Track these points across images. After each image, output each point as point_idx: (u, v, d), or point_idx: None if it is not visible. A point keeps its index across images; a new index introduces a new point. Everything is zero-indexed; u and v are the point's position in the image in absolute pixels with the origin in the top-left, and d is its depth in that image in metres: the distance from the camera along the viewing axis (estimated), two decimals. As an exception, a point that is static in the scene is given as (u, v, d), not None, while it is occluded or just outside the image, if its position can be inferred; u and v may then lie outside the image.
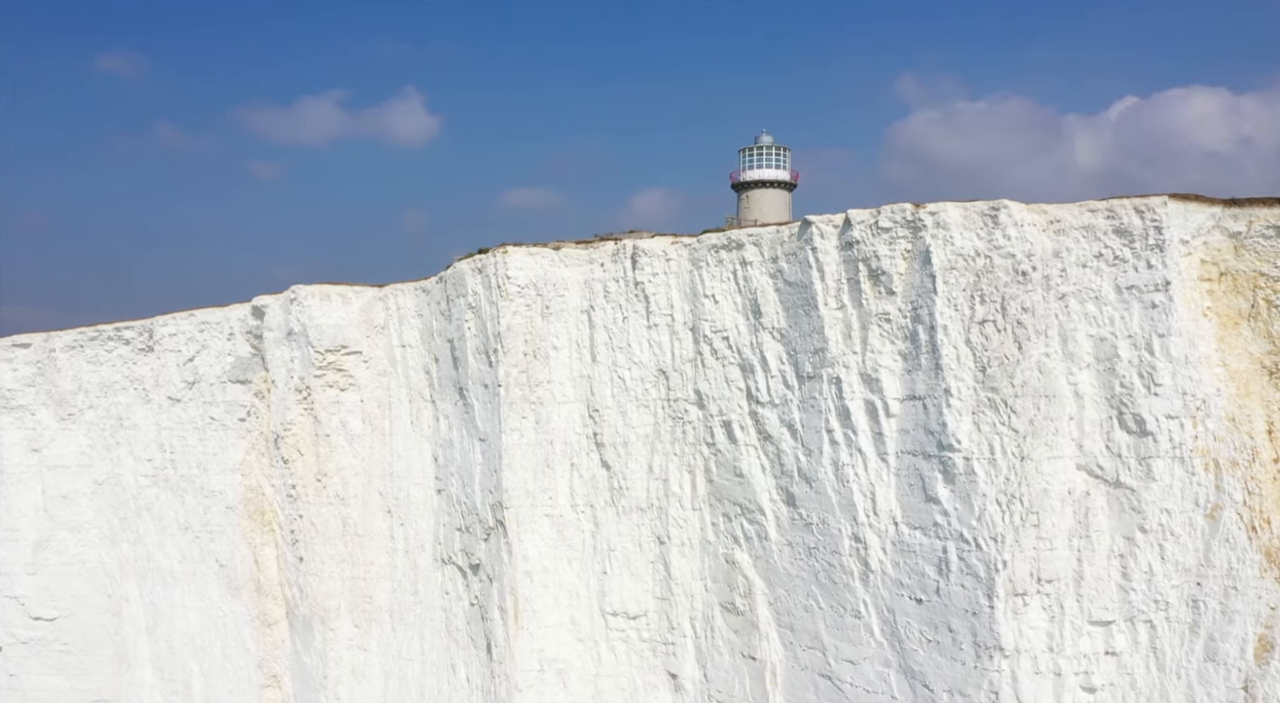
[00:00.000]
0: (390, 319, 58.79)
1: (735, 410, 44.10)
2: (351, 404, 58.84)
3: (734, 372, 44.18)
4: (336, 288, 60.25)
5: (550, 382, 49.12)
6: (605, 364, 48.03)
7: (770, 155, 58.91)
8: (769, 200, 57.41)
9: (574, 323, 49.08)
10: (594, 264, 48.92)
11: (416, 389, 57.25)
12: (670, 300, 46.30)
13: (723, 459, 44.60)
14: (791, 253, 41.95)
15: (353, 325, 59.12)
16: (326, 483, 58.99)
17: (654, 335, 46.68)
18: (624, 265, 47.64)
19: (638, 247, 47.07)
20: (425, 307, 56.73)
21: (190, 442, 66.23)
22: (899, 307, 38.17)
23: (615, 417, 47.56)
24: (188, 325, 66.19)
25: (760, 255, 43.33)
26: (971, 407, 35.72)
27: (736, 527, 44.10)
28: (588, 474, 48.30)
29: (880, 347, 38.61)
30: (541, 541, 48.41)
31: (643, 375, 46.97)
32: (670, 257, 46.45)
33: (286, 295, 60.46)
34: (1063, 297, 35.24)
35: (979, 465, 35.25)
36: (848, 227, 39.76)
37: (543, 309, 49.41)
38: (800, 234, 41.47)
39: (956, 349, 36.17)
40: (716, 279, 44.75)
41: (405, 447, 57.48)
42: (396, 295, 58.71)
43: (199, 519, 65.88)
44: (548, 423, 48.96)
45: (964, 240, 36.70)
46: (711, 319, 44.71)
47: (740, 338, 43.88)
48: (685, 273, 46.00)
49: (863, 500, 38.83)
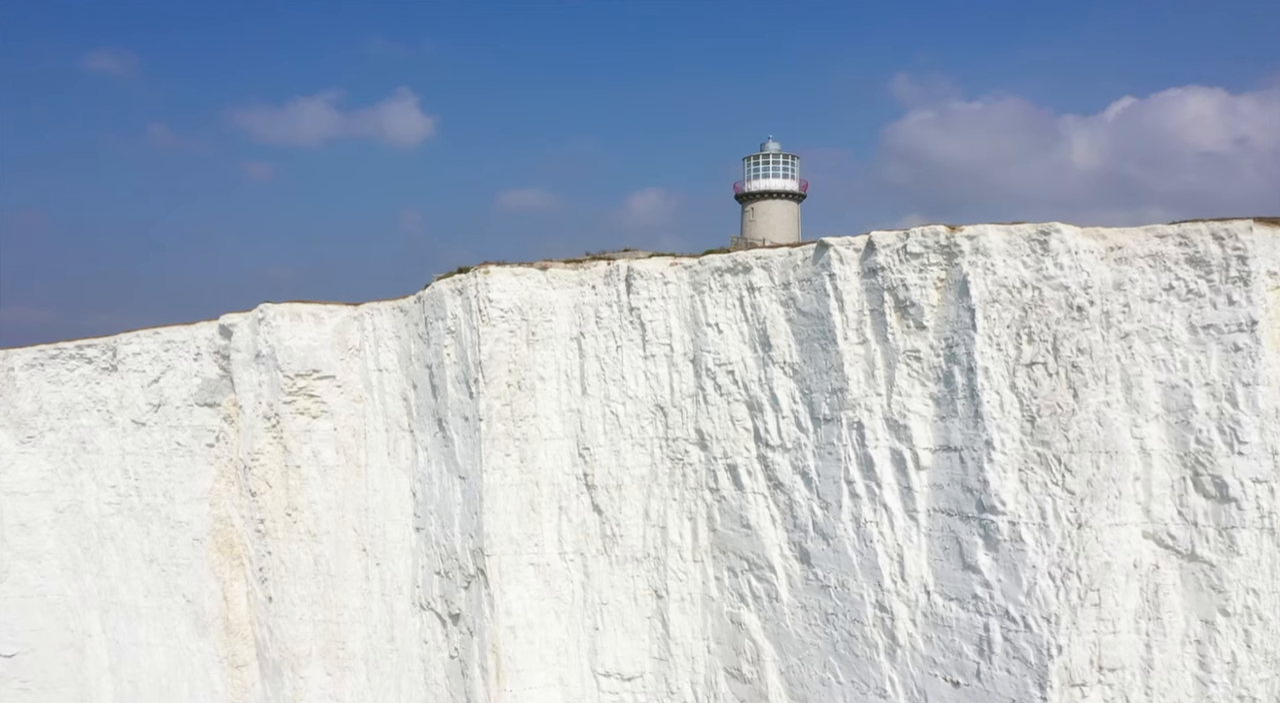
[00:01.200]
0: (366, 341, 53.17)
1: (741, 453, 38.51)
2: (324, 433, 53.21)
3: (740, 410, 38.59)
4: (308, 307, 54.60)
5: (536, 416, 43.51)
6: (597, 398, 42.42)
7: (777, 164, 52.97)
8: (776, 212, 51.72)
9: (562, 351, 43.45)
10: (584, 287, 43.30)
11: (394, 418, 51.64)
12: (669, 328, 40.68)
13: (727, 507, 39.00)
14: (806, 279, 36.34)
15: (325, 347, 53.49)
16: (297, 518, 53.37)
17: (651, 367, 41.07)
18: (618, 288, 41.99)
19: (633, 268, 41.43)
20: (403, 328, 51.11)
21: (155, 468, 60.51)
22: (931, 344, 32.59)
23: (608, 456, 41.95)
24: (152, 344, 60.47)
25: (770, 281, 37.71)
26: (1018, 463, 30.13)
27: (743, 583, 38.52)
28: (577, 519, 42.70)
29: (909, 389, 33.03)
30: (526, 592, 42.80)
31: (638, 411, 41.37)
32: (669, 280, 40.82)
33: (254, 314, 54.79)
34: (1126, 336, 29.66)
35: (1028, 532, 29.67)
36: (871, 251, 34.16)
37: (528, 336, 43.79)
38: (816, 258, 35.84)
39: (1000, 395, 30.58)
40: (720, 306, 39.13)
41: (381, 480, 51.89)
42: (373, 315, 53.08)
43: (165, 551, 60.21)
44: (533, 462, 43.36)
45: (1008, 269, 31.11)
46: (715, 350, 39.09)
47: (747, 373, 38.28)
48: (686, 298, 40.37)
49: (888, 564, 33.27)
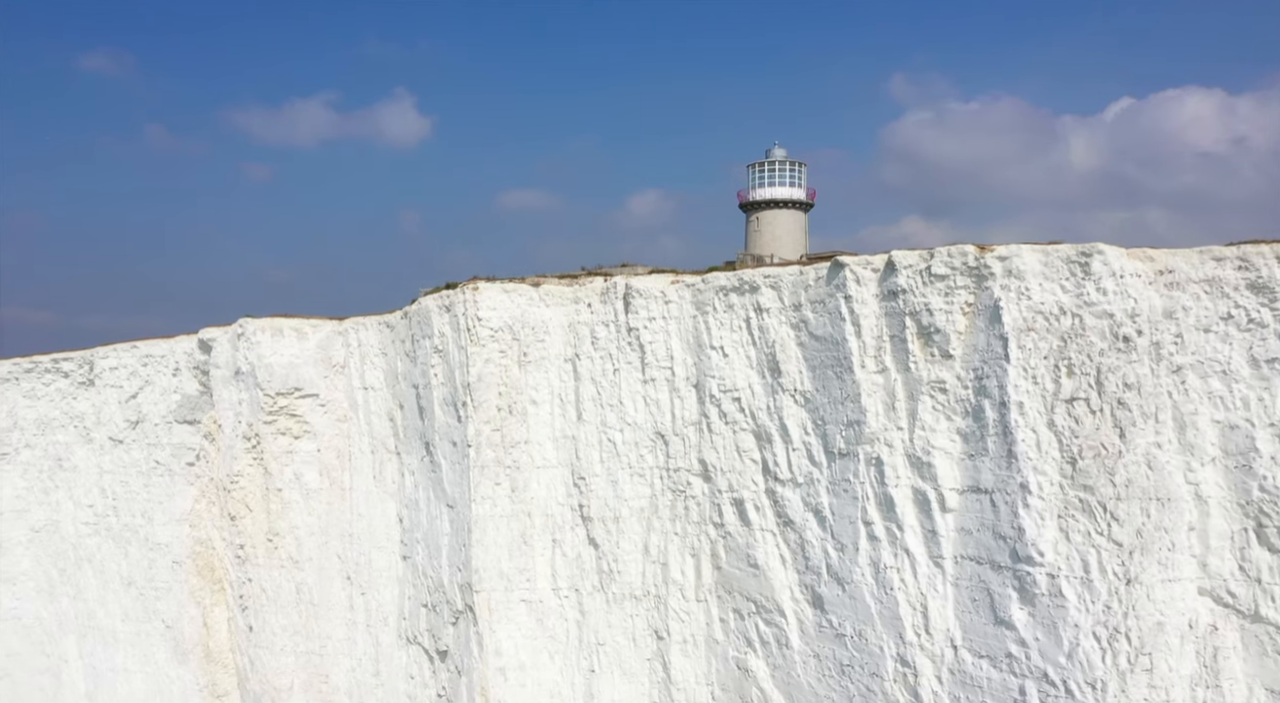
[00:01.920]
0: (351, 357, 49.91)
1: (749, 487, 35.29)
2: (307, 454, 49.95)
3: (747, 440, 35.35)
4: (290, 321, 51.32)
5: (528, 442, 40.26)
6: (593, 423, 39.17)
7: (783, 171, 49.50)
8: (782, 223, 48.36)
9: (556, 374, 40.19)
10: (580, 304, 40.04)
11: (380, 439, 48.39)
12: (670, 351, 37.43)
13: (733, 544, 35.78)
14: (818, 300, 33.11)
15: (308, 364, 50.22)
16: (278, 543, 50.12)
17: (650, 392, 37.84)
18: (615, 307, 38.73)
19: (631, 286, 38.16)
20: (390, 345, 47.85)
21: (134, 487, 57.19)
22: (958, 374, 29.36)
23: (605, 486, 38.71)
24: (129, 358, 57.16)
25: (779, 301, 34.47)
26: (1057, 508, 26.91)
27: (750, 627, 35.31)
28: (572, 553, 39.46)
29: (933, 423, 29.81)
30: (518, 631, 39.58)
31: (637, 439, 38.12)
32: (670, 298, 37.56)
33: (234, 329, 51.51)
34: (1178, 370, 26.45)
35: (1069, 586, 26.46)
36: (890, 272, 30.92)
37: (519, 357, 40.54)
38: (830, 278, 32.60)
39: (1036, 433, 27.35)
40: (726, 328, 35.88)
41: (367, 505, 48.65)
42: (358, 330, 49.81)
43: (143, 574, 56.89)
44: (525, 491, 40.11)
45: (1045, 294, 27.88)
46: (720, 376, 35.85)
47: (755, 400, 35.03)
48: (688, 319, 37.12)
49: (911, 614, 30.06)
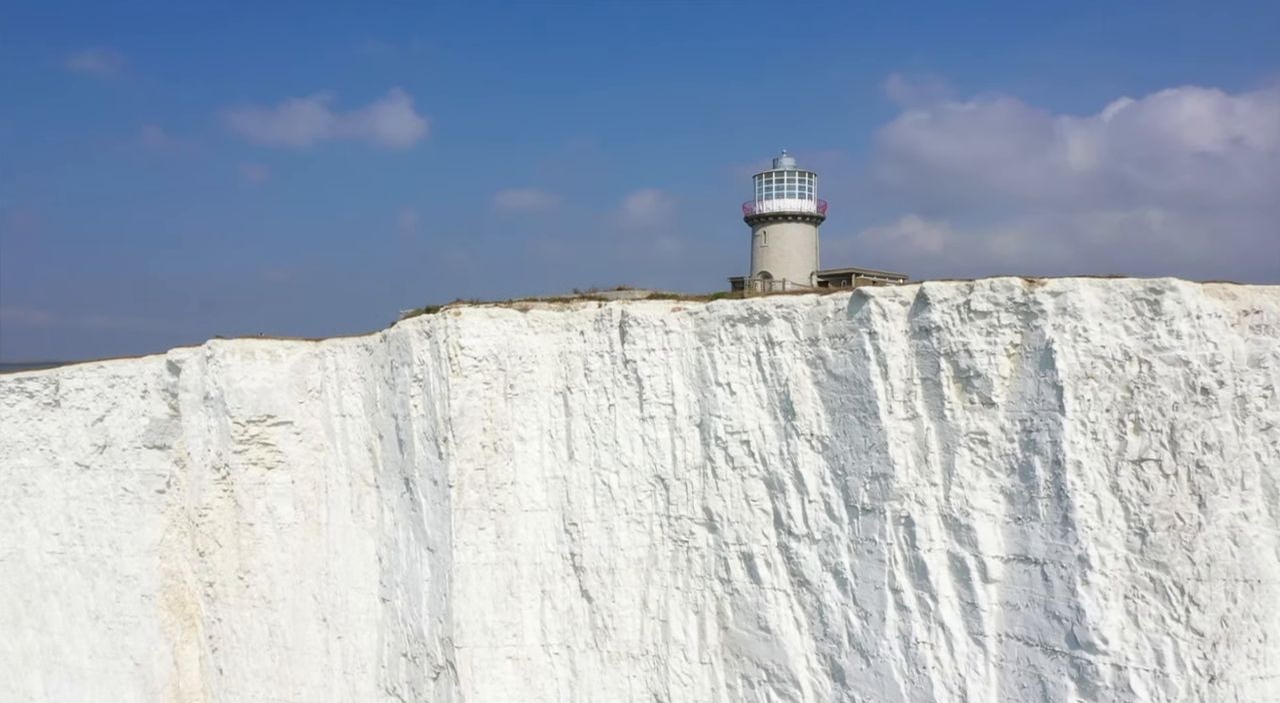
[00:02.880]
0: (328, 382, 45.70)
1: (759, 540, 31.12)
2: (280, 486, 45.75)
3: (757, 488, 31.18)
4: (262, 343, 47.08)
5: (515, 483, 36.08)
6: (586, 464, 34.99)
7: (792, 182, 45.00)
8: (792, 238, 44.04)
9: (546, 408, 35.99)
10: (572, 332, 35.83)
11: (358, 470, 44.20)
12: (670, 386, 33.23)
13: (742, 603, 31.62)
14: (838, 335, 28.92)
15: (282, 389, 46.01)
16: (250, 581, 45.95)
17: (649, 430, 33.65)
18: (610, 336, 34.53)
19: (628, 313, 33.94)
20: (369, 369, 43.64)
21: (101, 516, 52.95)
22: (1002, 425, 25.19)
23: (599, 534, 34.55)
24: (96, 379, 52.90)
25: (793, 334, 30.27)
26: (1124, 588, 22.76)
27: (761, 696, 31.14)
28: (563, 606, 35.28)
29: (973, 480, 25.64)
30: (504, 691, 35.38)
31: (634, 482, 33.95)
32: (670, 328, 33.36)
33: (202, 351, 47.32)
34: (1268, 428, 22.29)
35: (1139, 680, 22.31)
36: (923, 306, 26.72)
37: (506, 389, 36.32)
38: (852, 311, 28.41)
39: (1097, 498, 23.19)
40: (733, 362, 31.68)
41: (344, 541, 44.47)
42: (335, 353, 45.59)
43: (111, 608, 52.67)
44: (511, 537, 35.93)
45: (1106, 336, 23.69)
46: (726, 415, 31.68)
47: (766, 444, 30.85)
48: (691, 351, 32.92)
49: (948, 698, 25.91)
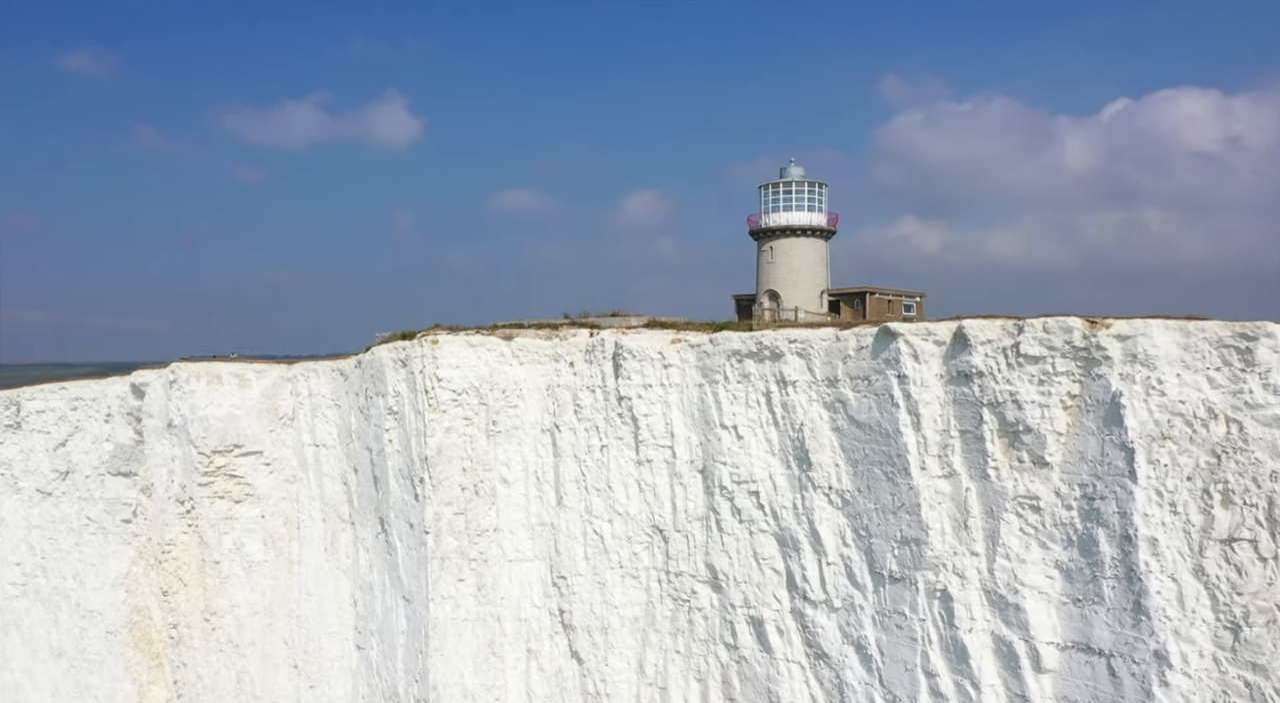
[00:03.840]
0: (300, 409, 41.77)
1: (770, 603, 27.19)
2: (249, 521, 41.82)
3: (767, 545, 27.24)
4: (230, 366, 43.09)
5: (498, 530, 32.16)
6: (576, 510, 31.07)
7: (801, 193, 40.72)
8: (801, 253, 39.86)
9: (532, 447, 32.06)
10: (560, 363, 31.88)
11: (333, 505, 40.27)
12: (670, 427, 29.29)
13: (750, 672, 27.69)
14: (862, 376, 24.97)
15: (251, 416, 42.04)
16: (217, 624, 42.02)
17: (646, 475, 29.72)
18: (602, 369, 30.59)
19: (622, 345, 29.96)
20: (344, 396, 39.70)
21: (64, 546, 49.00)
22: (1057, 489, 21.27)
23: (590, 588, 30.62)
24: (57, 401, 48.94)
25: (809, 373, 26.32)
26: (1212, 692, 18.84)
27: (771, 779, 27.26)
28: (551, 668, 31.35)
29: (1022, 551, 21.72)
30: (485, 761, 31.53)
31: (629, 532, 30.02)
32: (670, 362, 29.41)
33: (166, 374, 43.40)
34: (1386, 507, 18.45)
35: (1228, 805, 18.46)
36: (961, 347, 22.78)
37: (488, 425, 32.39)
38: (877, 350, 24.45)
39: (1178, 583, 19.28)
40: (740, 403, 27.74)
41: (317, 581, 40.56)
42: (308, 377, 41.65)
43: (75, 644, 48.75)
44: (494, 590, 32.01)
45: (1186, 389, 19.77)
46: (733, 462, 27.74)
47: (777, 496, 26.91)
48: (692, 388, 28.99)
49: (991, 804, 22.01)
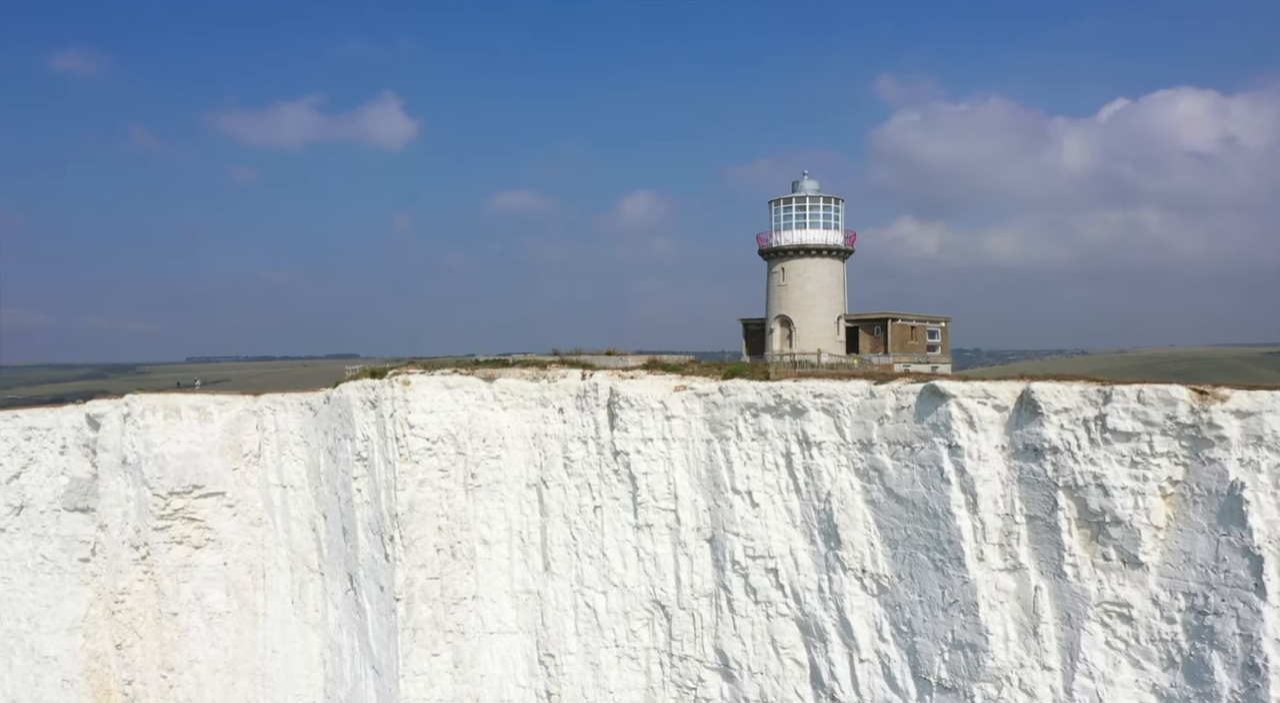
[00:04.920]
0: (266, 446, 37.48)
1: (791, 699, 22.93)
2: (210, 569, 37.52)
3: (787, 631, 22.95)
4: (191, 398, 38.73)
5: (477, 598, 27.86)
6: (565, 578, 26.78)
7: (815, 209, 36.17)
8: (815, 275, 35.49)
9: (516, 504, 27.77)
10: (548, 409, 27.58)
11: (301, 552, 35.99)
12: (672, 488, 25.01)
13: (766, 778, 23.42)
14: (903, 442, 20.68)
15: (213, 453, 37.71)
16: (175, 681, 37.74)
17: (646, 542, 25.42)
18: (595, 418, 26.30)
19: (619, 392, 25.65)
20: (313, 433, 35.41)
21: (18, 586, 44.70)
22: (1155, 596, 16.98)
23: (581, 669, 26.33)
24: (10, 430, 44.60)
25: (836, 433, 22.03)
26: None
27: None
28: (537, 758, 27.10)
29: (1109, 669, 17.44)
30: None
31: (626, 606, 25.73)
32: (673, 412, 25.11)
33: (121, 405, 39.09)
34: None
35: None
36: (1030, 415, 18.49)
37: (466, 478, 28.10)
38: (922, 412, 20.15)
39: (1318, 731, 15.07)
40: (756, 464, 23.45)
41: (284, 637, 36.27)
42: (275, 411, 37.36)
43: (29, 692, 44.50)
44: (473, 666, 27.71)
45: (1325, 483, 15.54)
46: (746, 533, 23.46)
47: (800, 576, 22.63)
48: (699, 443, 24.70)
49: None
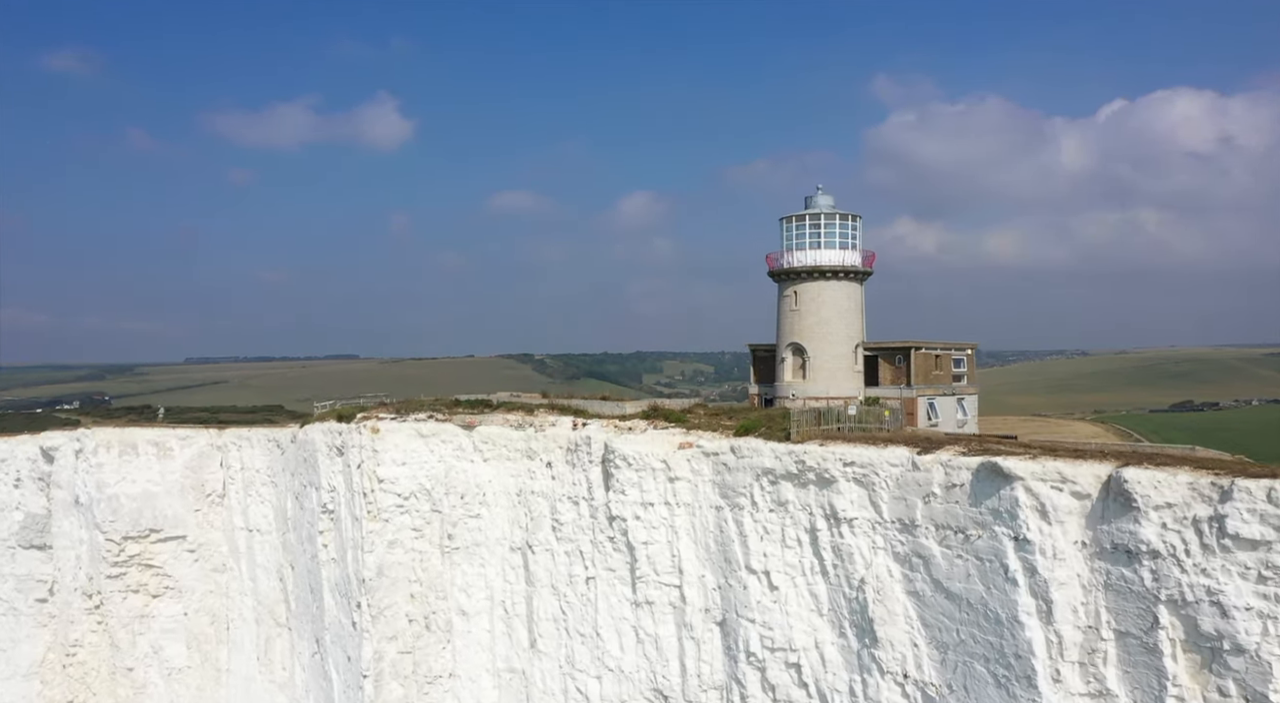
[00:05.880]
0: (232, 485, 33.81)
1: (814, 818, 19.27)
2: (168, 619, 33.85)
3: (812, 738, 19.31)
4: (150, 433, 34.92)
5: (454, 676, 24.18)
6: (553, 657, 23.10)
7: (830, 227, 32.35)
8: (830, 299, 31.56)
9: (498, 569, 24.10)
10: (535, 462, 23.89)
11: (268, 604, 32.34)
12: (676, 560, 21.33)
13: None
14: (954, 527, 17.01)
15: (173, 494, 33.98)
16: (131, 742, 34.18)
17: (646, 622, 21.74)
18: (588, 476, 22.62)
19: (614, 449, 21.95)
20: (280, 472, 31.74)
21: (-27, 627, 41.14)
22: (1285, 745, 13.39)
23: (572, 763, 22.68)
24: (-38, 461, 40.92)
25: (871, 509, 18.36)
26: None
27: None
28: None
29: None
30: None
31: (623, 694, 22.03)
32: (676, 473, 21.41)
33: (73, 440, 35.37)
34: None
35: None
36: (1120, 508, 14.78)
37: (442, 540, 24.42)
38: (980, 493, 16.46)
39: None
40: (774, 539, 19.79)
41: (248, 696, 32.63)
42: (240, 447, 33.67)
43: (-16, 742, 41.00)
44: (449, 755, 24.06)
45: None
46: (764, 620, 19.78)
47: (827, 674, 18.97)
48: (707, 511, 21.03)
49: None
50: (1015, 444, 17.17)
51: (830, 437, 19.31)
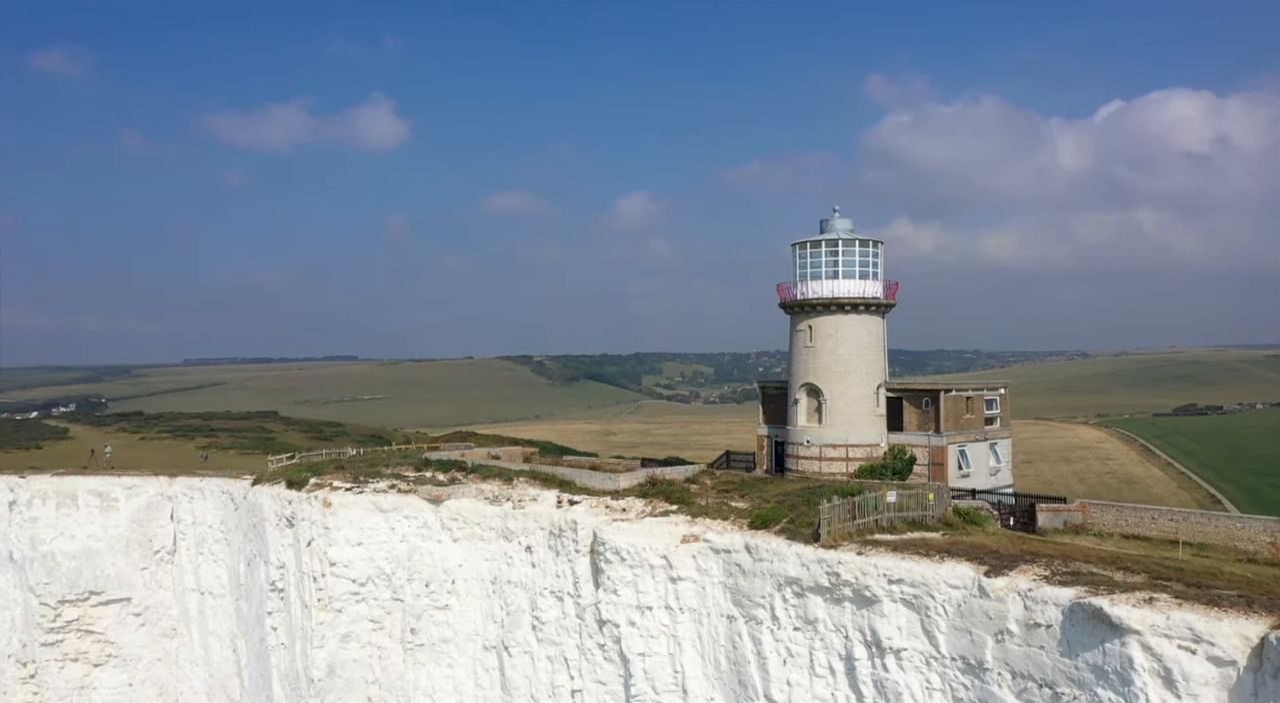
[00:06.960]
0: (182, 540, 29.89)
1: None
2: (111, 691, 29.95)
3: None
4: (92, 482, 30.94)
5: (418, 797, 20.30)
6: (534, 781, 19.20)
7: (850, 254, 28.26)
8: (850, 335, 27.52)
9: (469, 671, 20.16)
10: (512, 545, 19.96)
11: (221, 677, 28.44)
12: (679, 677, 17.41)
13: None
14: (1041, 680, 12.98)
15: (117, 550, 30.05)
16: (70, 828, 30.26)
17: (643, 749, 17.84)
18: (573, 567, 18.69)
19: (604, 540, 18.01)
20: (234, 530, 27.83)
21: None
22: None
23: None
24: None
25: (925, 641, 14.44)
26: None
27: None
28: None
29: None
30: None
31: None
32: (680, 573, 17.49)
33: (6, 490, 31.34)
34: None
35: None
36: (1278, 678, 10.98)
37: (404, 634, 20.51)
38: (1076, 644, 12.47)
39: None
40: (800, 665, 15.88)
41: (198, 780, 28.76)
42: (192, 499, 29.73)
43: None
44: None
45: None
46: (787, 764, 15.88)
47: None
48: (717, 619, 17.12)
49: None
50: (1117, 570, 13.18)
51: (869, 541, 15.36)
